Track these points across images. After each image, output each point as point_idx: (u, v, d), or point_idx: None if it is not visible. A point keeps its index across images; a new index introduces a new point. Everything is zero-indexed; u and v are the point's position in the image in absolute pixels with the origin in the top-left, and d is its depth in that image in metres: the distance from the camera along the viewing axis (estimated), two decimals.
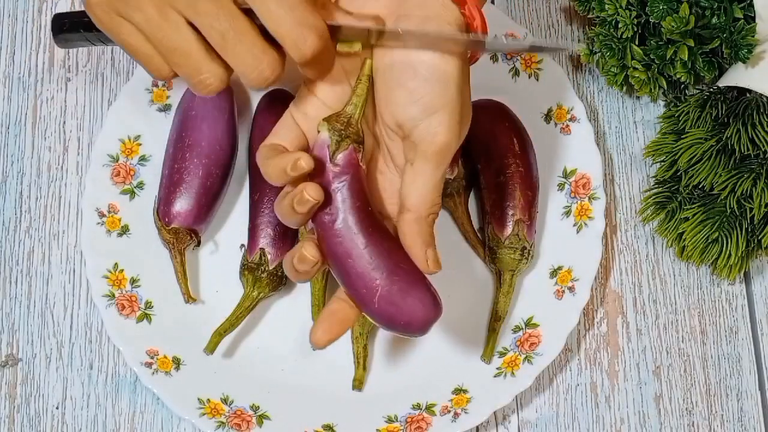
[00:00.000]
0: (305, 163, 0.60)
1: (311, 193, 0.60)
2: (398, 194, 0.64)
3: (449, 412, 0.77)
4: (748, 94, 0.78)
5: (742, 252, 0.78)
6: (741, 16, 0.77)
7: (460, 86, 0.62)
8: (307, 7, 0.58)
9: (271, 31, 0.58)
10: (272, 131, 0.65)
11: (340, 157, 0.62)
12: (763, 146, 0.76)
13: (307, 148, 0.64)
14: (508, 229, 0.80)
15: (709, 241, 0.79)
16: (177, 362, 0.78)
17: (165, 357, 0.78)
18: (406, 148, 0.63)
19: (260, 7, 0.57)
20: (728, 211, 0.78)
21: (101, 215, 0.80)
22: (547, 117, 0.85)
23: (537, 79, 0.85)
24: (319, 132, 0.62)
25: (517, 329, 0.80)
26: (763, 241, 0.78)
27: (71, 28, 0.65)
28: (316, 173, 0.62)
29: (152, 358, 0.77)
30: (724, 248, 0.78)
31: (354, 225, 0.61)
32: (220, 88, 0.60)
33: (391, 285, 0.62)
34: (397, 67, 0.62)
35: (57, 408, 0.79)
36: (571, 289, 0.80)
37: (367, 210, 0.62)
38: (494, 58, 0.85)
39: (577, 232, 0.82)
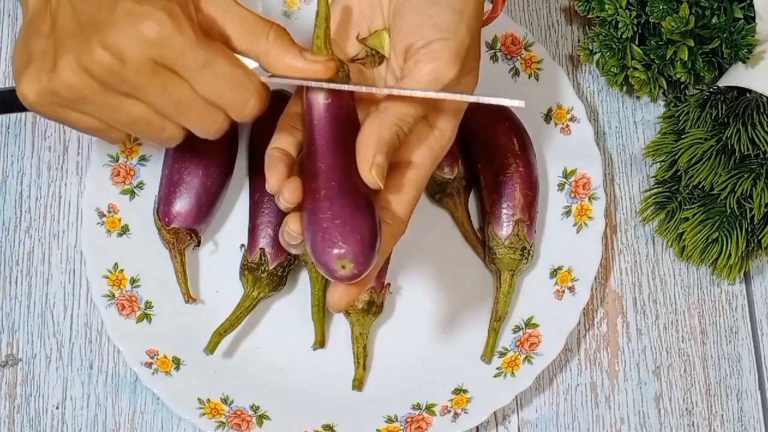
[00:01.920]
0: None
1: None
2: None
3: (449, 412, 0.77)
4: (748, 94, 0.78)
5: (742, 252, 0.78)
6: (741, 16, 0.77)
7: (472, 27, 0.63)
8: (240, 70, 0.60)
9: (211, 101, 0.60)
10: (276, 130, 0.65)
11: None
12: (763, 146, 0.76)
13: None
14: (508, 229, 0.80)
15: (709, 241, 0.79)
16: (177, 362, 0.78)
17: (165, 357, 0.78)
18: (405, 68, 0.63)
19: (193, 82, 0.59)
20: (728, 211, 0.78)
21: (101, 215, 0.80)
22: (547, 117, 0.85)
23: (537, 79, 0.85)
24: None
25: (517, 329, 0.80)
26: (763, 241, 0.78)
27: (17, 105, 0.64)
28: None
29: (152, 358, 0.77)
30: (724, 248, 0.78)
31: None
32: (182, 138, 0.62)
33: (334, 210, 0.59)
34: (416, 2, 0.63)
35: (57, 408, 0.79)
36: (571, 289, 0.80)
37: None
38: (494, 58, 0.85)
39: (577, 232, 0.82)
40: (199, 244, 0.81)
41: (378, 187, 0.60)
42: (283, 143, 0.64)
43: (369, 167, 0.60)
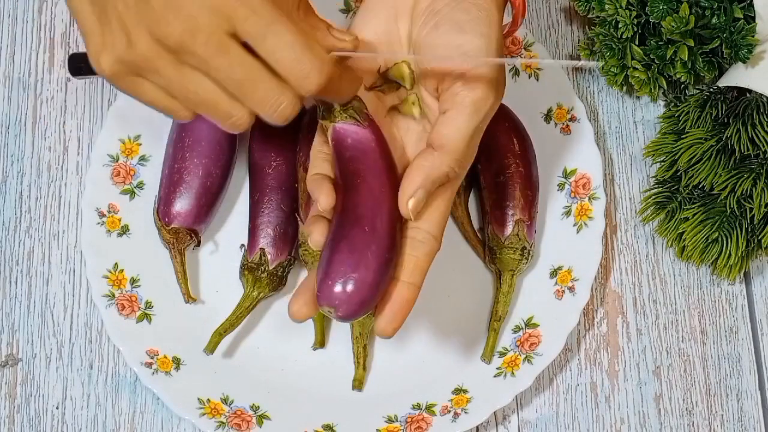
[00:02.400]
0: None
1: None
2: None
3: (449, 412, 0.77)
4: (748, 94, 0.78)
5: (742, 252, 0.78)
6: (741, 16, 0.77)
7: (499, 48, 0.64)
8: (307, 42, 0.59)
9: (273, 68, 0.59)
10: (310, 162, 0.67)
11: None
12: (763, 146, 0.76)
13: None
14: (508, 229, 0.80)
15: (709, 241, 0.79)
16: (177, 362, 0.78)
17: (165, 357, 0.78)
18: (443, 102, 0.63)
19: (259, 47, 0.59)
20: (728, 211, 0.78)
21: (101, 215, 0.80)
22: (547, 117, 0.85)
23: (537, 79, 0.85)
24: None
25: (517, 329, 0.80)
26: (763, 241, 0.78)
27: (89, 70, 0.65)
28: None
29: (152, 358, 0.77)
30: (724, 248, 0.78)
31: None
32: (250, 124, 0.62)
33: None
34: (443, 28, 0.63)
35: (57, 408, 0.79)
36: (571, 289, 0.80)
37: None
38: None
39: (577, 232, 0.82)
40: (199, 244, 0.81)
41: (409, 218, 0.62)
42: (320, 169, 0.66)
43: (408, 198, 0.62)
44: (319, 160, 0.66)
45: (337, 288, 0.60)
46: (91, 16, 0.60)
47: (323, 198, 0.63)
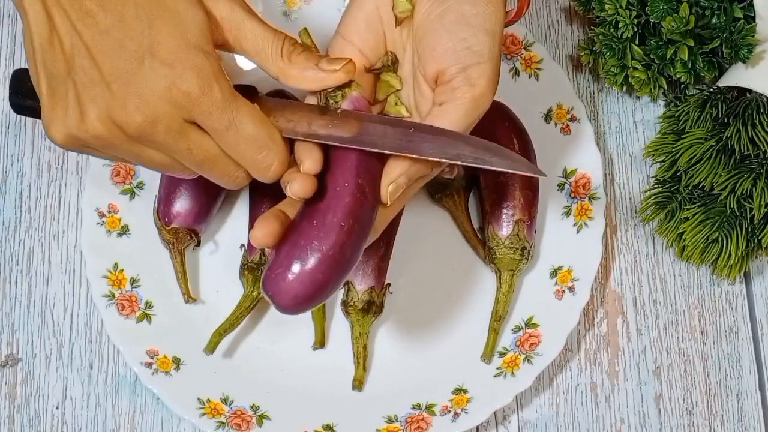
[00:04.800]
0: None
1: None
2: None
3: (449, 412, 0.77)
4: (748, 94, 0.78)
5: (742, 252, 0.78)
6: (741, 16, 0.77)
7: (500, 43, 0.63)
8: (269, 131, 0.61)
9: (235, 160, 0.61)
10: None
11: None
12: (763, 146, 0.76)
13: None
14: (508, 229, 0.80)
15: (709, 241, 0.79)
16: (177, 362, 0.78)
17: (165, 357, 0.78)
18: (439, 93, 0.63)
19: (220, 140, 0.60)
20: (728, 211, 0.78)
21: (101, 215, 0.80)
22: (547, 117, 0.85)
23: (537, 79, 0.85)
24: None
25: (517, 329, 0.80)
26: (763, 241, 0.78)
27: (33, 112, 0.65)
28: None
29: (152, 358, 0.77)
30: (724, 248, 0.78)
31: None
32: (248, 181, 0.64)
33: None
34: (448, 18, 0.62)
35: (57, 408, 0.79)
36: (571, 289, 0.80)
37: None
38: None
39: (577, 232, 0.82)
40: (199, 244, 0.81)
41: (385, 203, 0.62)
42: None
43: (389, 183, 0.62)
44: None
45: (276, 279, 0.60)
46: (45, 84, 0.61)
47: (309, 162, 0.61)
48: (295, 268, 0.59)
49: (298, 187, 0.60)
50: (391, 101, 0.66)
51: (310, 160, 0.61)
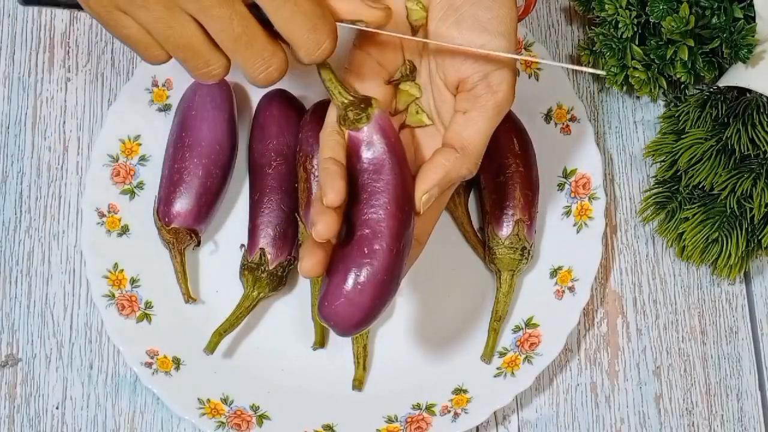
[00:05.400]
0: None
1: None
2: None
3: (449, 412, 0.77)
4: (748, 94, 0.78)
5: (742, 252, 0.78)
6: (741, 16, 0.77)
7: (515, 45, 0.64)
8: (320, 10, 0.58)
9: (284, 36, 0.58)
10: (320, 145, 0.64)
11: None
12: (763, 146, 0.76)
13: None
14: (508, 229, 0.80)
15: (709, 241, 0.79)
16: (177, 362, 0.78)
17: (165, 357, 0.78)
18: (462, 100, 0.63)
19: (274, 15, 0.58)
20: (728, 211, 0.78)
21: (101, 215, 0.80)
22: (547, 117, 0.85)
23: (537, 79, 0.85)
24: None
25: (517, 329, 0.80)
26: (763, 241, 0.78)
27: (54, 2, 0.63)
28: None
29: (152, 358, 0.77)
30: (724, 248, 0.78)
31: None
32: (223, 76, 0.61)
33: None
34: (464, 24, 0.62)
35: (57, 408, 0.79)
36: (571, 289, 0.80)
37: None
38: None
39: (577, 232, 0.82)
40: (199, 244, 0.81)
41: (418, 212, 0.62)
42: (333, 153, 0.62)
43: (423, 193, 0.62)
44: (333, 142, 0.62)
45: (334, 309, 0.60)
46: None
47: (332, 195, 0.59)
48: (351, 295, 0.60)
49: (322, 227, 0.58)
50: (412, 110, 0.66)
51: (332, 192, 0.59)
